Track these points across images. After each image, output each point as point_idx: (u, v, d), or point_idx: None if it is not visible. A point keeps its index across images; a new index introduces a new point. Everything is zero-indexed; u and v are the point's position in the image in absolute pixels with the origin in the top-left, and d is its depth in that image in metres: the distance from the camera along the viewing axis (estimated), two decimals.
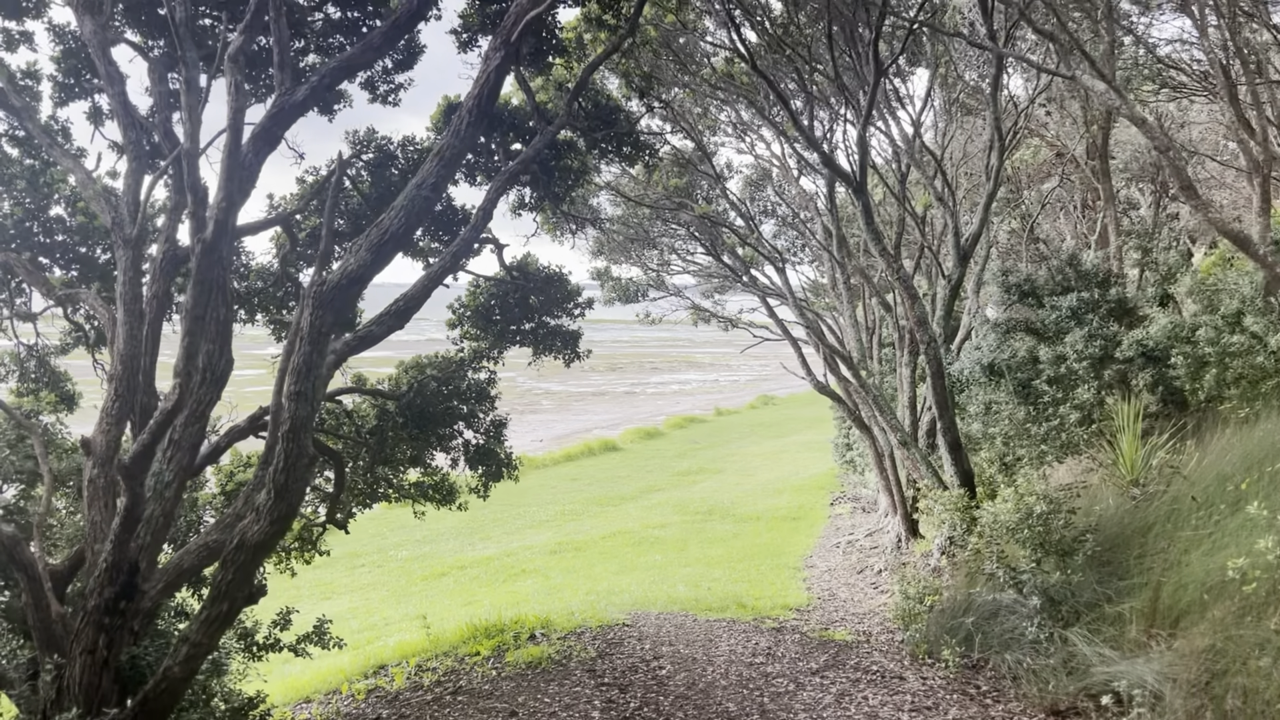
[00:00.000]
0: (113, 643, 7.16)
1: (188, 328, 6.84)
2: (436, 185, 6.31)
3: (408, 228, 6.36)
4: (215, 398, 7.49)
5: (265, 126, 7.84)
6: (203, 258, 6.91)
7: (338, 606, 21.64)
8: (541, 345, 14.07)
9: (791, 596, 16.25)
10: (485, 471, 13.52)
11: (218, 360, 7.38)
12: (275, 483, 6.90)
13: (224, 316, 7.42)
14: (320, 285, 6.50)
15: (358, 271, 6.40)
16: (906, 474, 18.80)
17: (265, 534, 7.06)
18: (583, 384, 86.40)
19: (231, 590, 7.24)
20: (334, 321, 6.62)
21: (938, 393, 14.00)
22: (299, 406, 6.70)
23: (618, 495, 34.35)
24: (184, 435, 7.33)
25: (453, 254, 10.21)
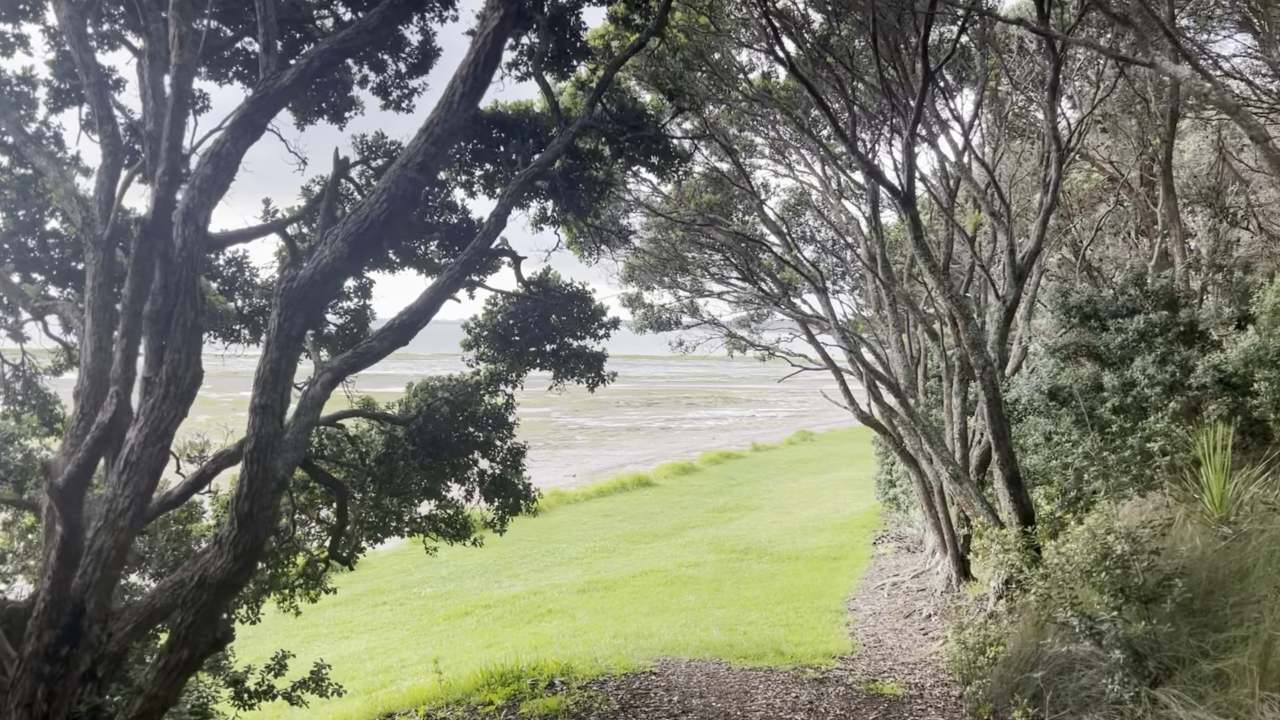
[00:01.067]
0: (54, 695, 6.21)
1: (126, 325, 5.96)
2: (425, 165, 5.42)
3: (390, 214, 5.47)
4: (180, 414, 6.58)
5: (246, 112, 6.99)
6: (141, 242, 6.05)
7: (355, 647, 20.69)
8: (563, 368, 13.13)
9: (834, 642, 15.03)
10: (501, 504, 12.55)
11: (183, 371, 6.48)
12: (239, 511, 5.97)
13: (191, 321, 6.54)
14: (290, 282, 5.61)
15: (332, 265, 5.50)
16: (957, 511, 17.56)
17: (228, 570, 6.12)
18: (618, 419, 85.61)
19: (192, 635, 6.29)
20: (305, 324, 5.72)
21: (994, 422, 12.84)
22: (264, 422, 5.78)
23: (650, 532, 33.19)
24: (142, 457, 6.42)
25: (463, 264, 9.33)
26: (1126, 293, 14.47)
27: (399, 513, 12.94)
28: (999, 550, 12.95)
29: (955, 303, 13.07)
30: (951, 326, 17.01)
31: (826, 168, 18.84)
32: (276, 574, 12.32)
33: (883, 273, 15.98)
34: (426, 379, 11.96)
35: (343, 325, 12.59)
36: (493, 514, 12.71)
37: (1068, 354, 14.61)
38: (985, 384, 12.74)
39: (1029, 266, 14.25)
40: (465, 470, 12.44)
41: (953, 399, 17.22)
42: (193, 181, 6.69)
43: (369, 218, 5.45)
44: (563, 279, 12.90)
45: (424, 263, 12.66)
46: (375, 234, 5.51)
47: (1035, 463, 14.14)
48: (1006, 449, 12.90)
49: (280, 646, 21.98)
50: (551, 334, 13.08)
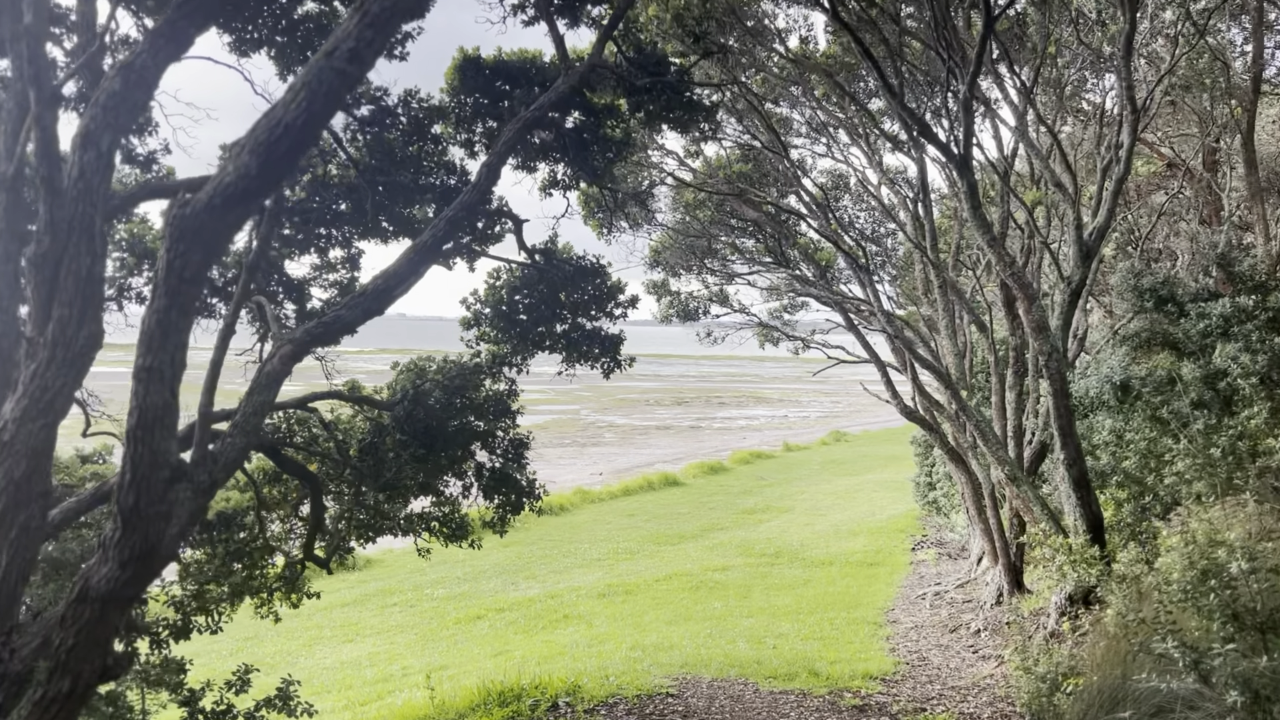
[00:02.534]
0: None
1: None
2: (356, 55, 4.10)
3: (311, 118, 4.15)
4: (70, 383, 5.27)
5: (169, 18, 5.65)
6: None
7: (358, 651, 19.48)
8: (575, 351, 11.77)
9: (874, 661, 13.55)
10: (502, 502, 11.20)
11: (74, 331, 5.17)
12: (122, 506, 4.65)
13: (87, 270, 5.23)
14: (182, 208, 4.29)
15: (237, 185, 4.19)
16: (1010, 516, 16.00)
17: (115, 581, 4.81)
18: (647, 417, 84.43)
19: (73, 661, 4.98)
20: (204, 262, 4.41)
21: (1060, 417, 11.31)
22: (150, 391, 4.45)
23: (677, 533, 31.77)
24: (18, 435, 5.12)
25: (449, 221, 7.99)
26: (1209, 274, 12.86)
27: (388, 510, 11.63)
28: (1064, 561, 11.42)
29: (1017, 279, 11.54)
30: (1007, 311, 15.48)
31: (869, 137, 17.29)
32: (251, 576, 11.04)
33: (931, 251, 14.45)
34: (416, 358, 10.62)
35: (328, 301, 11.32)
36: (492, 513, 11.37)
37: (1139, 342, 13.04)
38: (1051, 373, 11.21)
39: (1098, 244, 12.68)
40: (462, 463, 11.10)
41: (1005, 393, 15.67)
42: (95, 98, 5.38)
43: (282, 122, 4.14)
44: (575, 252, 11.54)
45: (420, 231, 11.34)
46: (291, 144, 4.19)
47: (1102, 464, 12.59)
48: (1074, 447, 11.37)
49: (282, 648, 20.92)
50: (562, 313, 11.73)
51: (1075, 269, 12.57)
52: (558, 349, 11.77)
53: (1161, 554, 8.20)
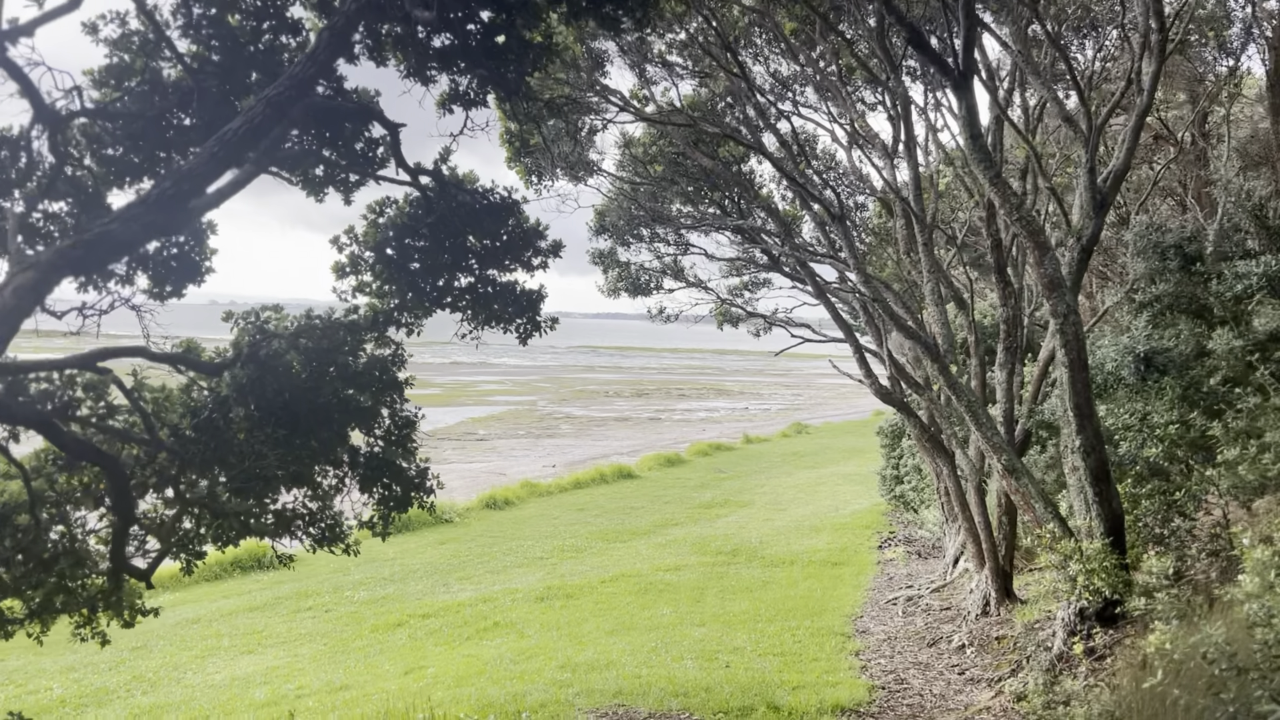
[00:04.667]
0: None
1: None
2: None
3: None
4: None
5: None
6: None
7: (256, 665, 17.04)
8: (483, 310, 9.46)
9: (844, 685, 11.42)
10: (383, 498, 8.87)
11: None
12: None
13: None
14: None
15: None
16: (999, 513, 13.96)
17: None
18: (606, 409, 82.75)
19: None
20: None
21: (1078, 394, 9.22)
22: None
23: (628, 529, 29.56)
24: None
25: (271, 101, 5.73)
26: (1241, 229, 10.84)
27: (249, 507, 9.24)
28: (1079, 570, 9.35)
29: (1026, 226, 9.41)
30: (998, 279, 13.41)
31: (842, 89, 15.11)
32: (57, 589, 8.60)
33: (915, 203, 12.32)
34: (259, 306, 8.24)
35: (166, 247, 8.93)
36: (373, 511, 9.05)
37: (1159, 309, 10.99)
38: (1067, 339, 9.11)
39: (1114, 191, 10.61)
40: (334, 448, 8.78)
41: (997, 371, 13.60)
42: None
43: None
44: (483, 184, 9.23)
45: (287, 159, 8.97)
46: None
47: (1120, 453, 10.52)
48: (1093, 431, 9.28)
49: (171, 660, 18.42)
50: (468, 262, 9.42)
51: (1087, 220, 10.47)
52: (461, 307, 9.47)
53: (1246, 565, 6.08)
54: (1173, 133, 23.51)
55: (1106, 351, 10.38)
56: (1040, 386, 15.46)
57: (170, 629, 20.23)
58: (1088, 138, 10.79)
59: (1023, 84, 13.93)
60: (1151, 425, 9.84)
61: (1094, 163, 10.65)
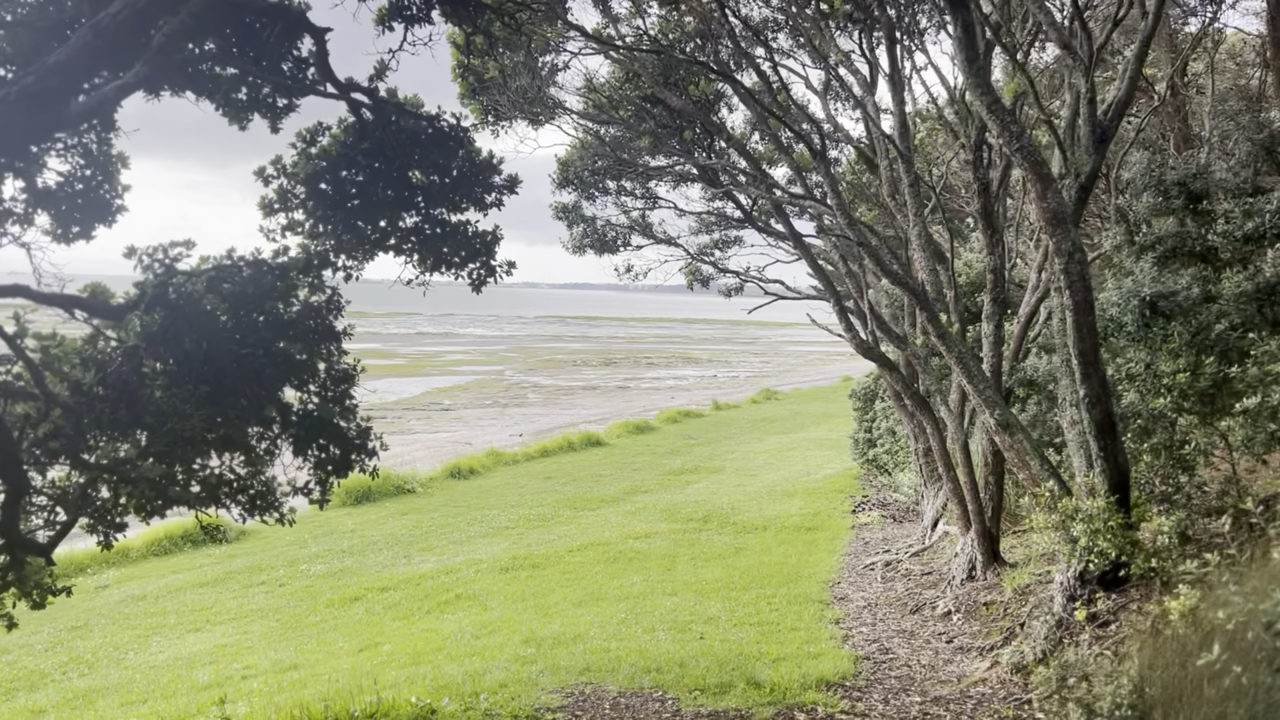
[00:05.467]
0: None
1: None
2: None
3: None
4: None
5: None
6: None
7: (202, 644, 16.10)
8: (431, 253, 8.52)
9: (826, 657, 10.70)
10: (320, 461, 7.96)
11: None
12: None
13: None
14: None
15: None
16: (985, 474, 13.27)
17: None
18: (574, 378, 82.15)
19: None
20: None
21: (1083, 339, 8.46)
22: None
23: (596, 497, 28.78)
24: None
25: None
26: (1249, 166, 10.10)
27: (175, 474, 8.28)
28: (1082, 531, 8.64)
29: (1027, 156, 8.59)
30: (984, 225, 12.63)
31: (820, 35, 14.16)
32: None
33: (901, 140, 11.48)
34: (169, 242, 7.24)
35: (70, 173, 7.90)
36: (311, 475, 8.13)
37: (1163, 252, 10.26)
38: (1072, 279, 8.33)
39: (1115, 123, 9.82)
40: (263, 406, 7.83)
41: (984, 323, 12.86)
42: None
43: None
44: (428, 109, 8.26)
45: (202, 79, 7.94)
46: None
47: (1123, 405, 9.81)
48: (1099, 380, 8.54)
49: (112, 640, 17.41)
50: (414, 199, 8.47)
51: (1086, 156, 9.67)
52: (406, 250, 8.52)
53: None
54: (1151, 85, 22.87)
55: (1109, 296, 9.64)
56: (1021, 344, 14.78)
57: (114, 607, 19.23)
58: (1087, 65, 9.97)
59: (1008, 17, 13.10)
60: (1158, 374, 9.14)
61: (1094, 92, 9.85)
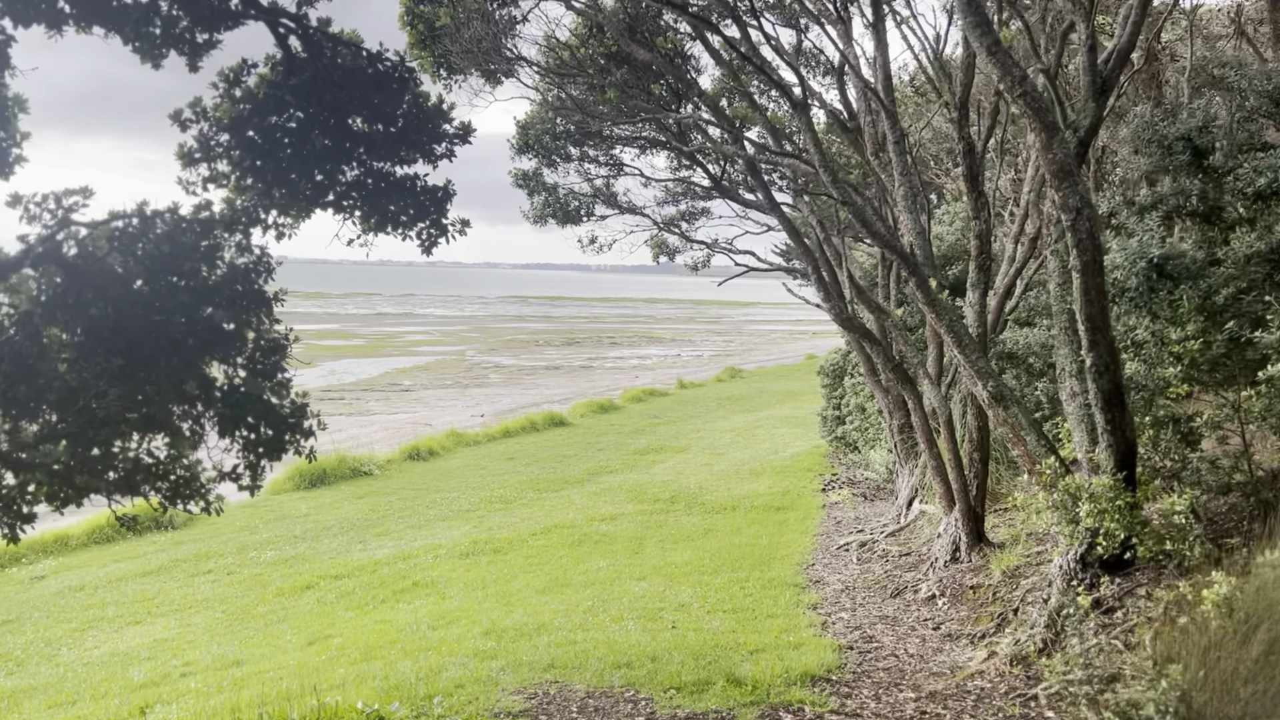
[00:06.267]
0: None
1: None
2: None
3: None
4: None
5: None
6: None
7: (141, 638, 15.13)
8: (375, 210, 7.63)
9: (808, 647, 10.01)
10: (249, 442, 7.08)
11: None
12: None
13: None
14: None
15: None
16: (969, 449, 12.64)
17: None
18: (536, 358, 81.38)
19: None
20: None
21: (1092, 303, 7.78)
22: None
23: (560, 478, 27.99)
24: None
25: None
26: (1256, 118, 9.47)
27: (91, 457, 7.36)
28: (1088, 510, 8.00)
29: (1031, 103, 7.86)
30: (969, 188, 11.94)
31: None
32: None
33: (885, 94, 10.72)
34: (64, 189, 6.29)
35: None
36: (240, 458, 7.25)
37: (1165, 212, 9.61)
38: (1080, 237, 7.63)
39: (1117, 73, 9.14)
40: (184, 382, 6.93)
41: (969, 292, 12.20)
42: None
43: None
44: (370, 46, 7.35)
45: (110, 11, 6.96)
46: None
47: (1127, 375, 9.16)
48: (1107, 348, 7.87)
49: (44, 635, 16.34)
50: (354, 149, 7.56)
51: (1085, 108, 8.97)
52: (347, 206, 7.62)
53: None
54: None
55: (1113, 258, 8.97)
56: (1000, 316, 14.19)
57: (49, 599, 18.15)
58: (1088, 10, 9.26)
59: None
60: (1165, 342, 8.50)
61: (1094, 40, 9.15)
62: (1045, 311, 17.45)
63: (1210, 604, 6.09)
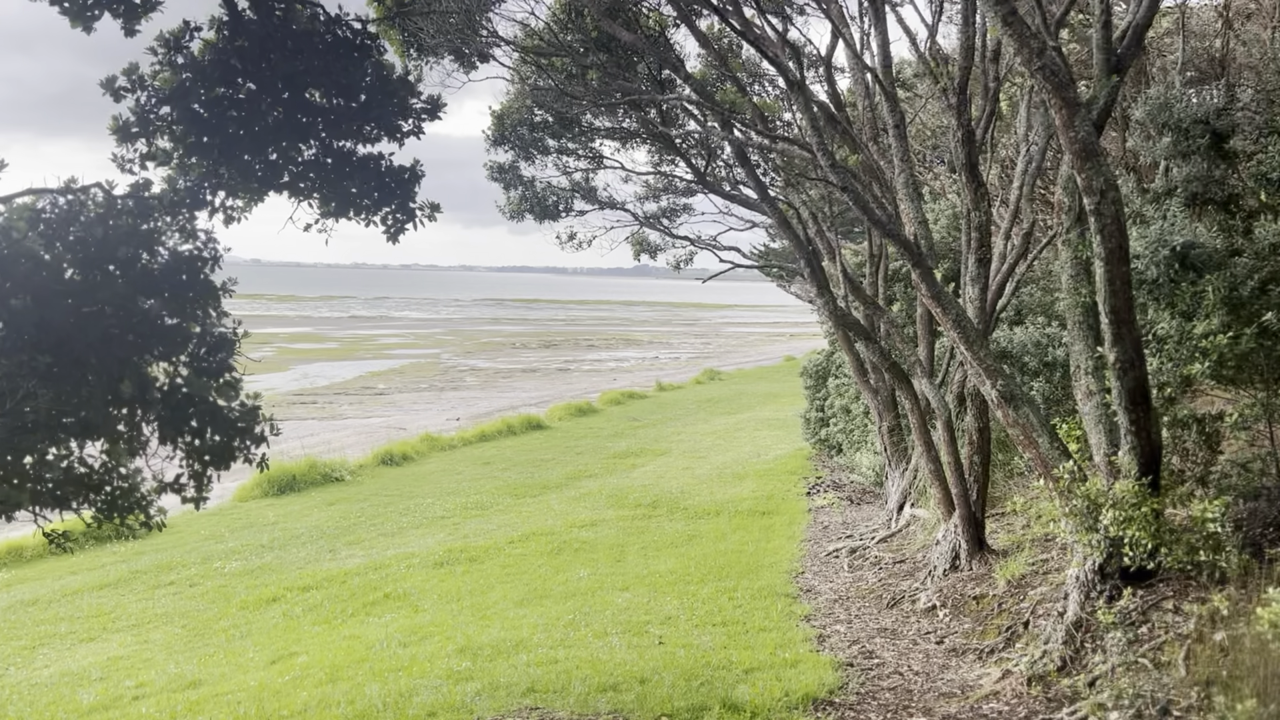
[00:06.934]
0: None
1: None
2: None
3: None
4: None
5: None
6: None
7: (95, 655, 14.28)
8: (334, 193, 6.92)
9: (806, 665, 9.37)
10: (193, 448, 6.35)
11: None
12: None
13: None
14: None
15: None
16: (969, 452, 12.05)
17: None
18: (513, 361, 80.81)
19: None
20: None
21: (1116, 294, 7.19)
22: None
23: (538, 483, 27.25)
24: None
25: None
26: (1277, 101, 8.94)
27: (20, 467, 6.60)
28: (1113, 518, 7.40)
29: (1051, 77, 7.26)
30: (968, 179, 11.36)
31: None
32: None
33: (884, 75, 10.12)
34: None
35: None
36: (184, 467, 6.52)
37: (1184, 198, 9.05)
38: (1104, 222, 7.04)
39: (1133, 50, 8.57)
40: (119, 382, 6.20)
41: (967, 286, 11.62)
42: None
43: None
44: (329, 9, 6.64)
45: None
46: None
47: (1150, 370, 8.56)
48: (1132, 342, 7.28)
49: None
50: (310, 124, 6.85)
51: (1102, 83, 8.39)
52: (304, 187, 6.91)
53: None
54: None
55: (1131, 247, 8.39)
56: (993, 315, 13.66)
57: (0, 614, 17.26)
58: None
59: None
60: (1193, 337, 7.93)
61: (1109, 13, 8.56)
62: (1039, 309, 16.94)
63: (1268, 624, 5.50)
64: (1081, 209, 8.61)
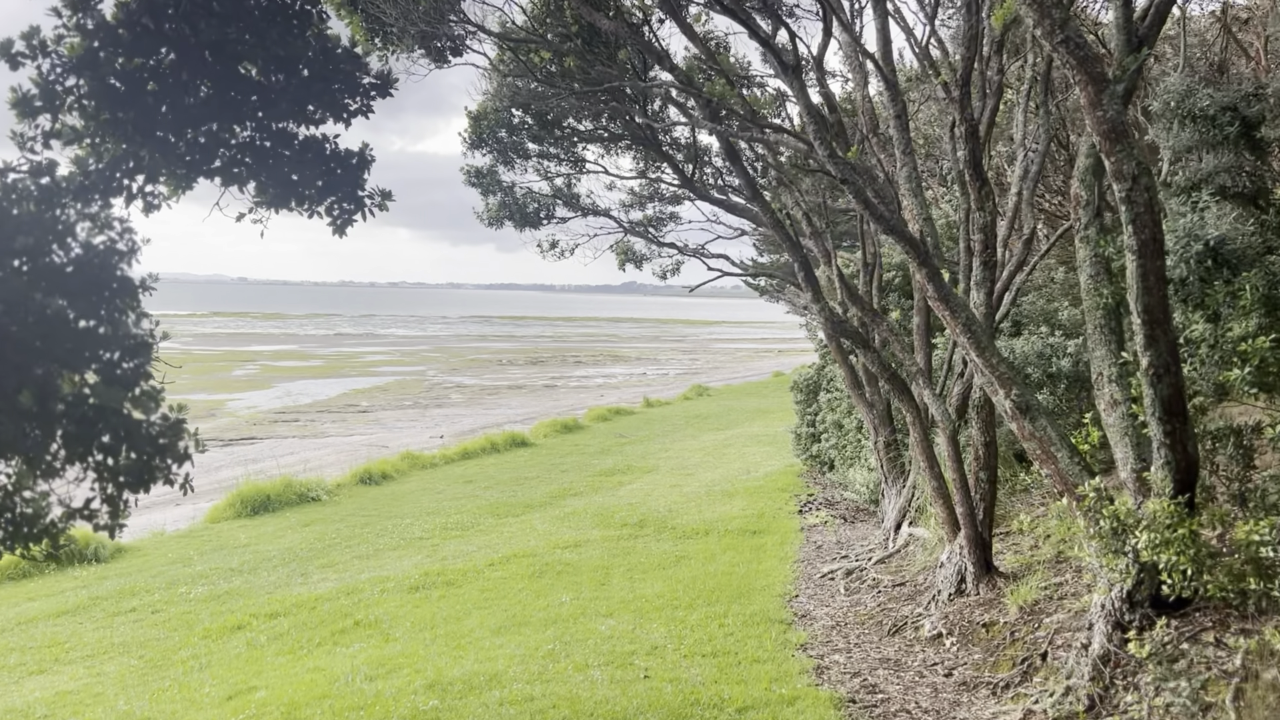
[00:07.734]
0: None
1: None
2: None
3: None
4: None
5: None
6: None
7: (41, 690, 13.33)
8: (272, 179, 6.13)
9: (804, 702, 8.57)
10: (105, 469, 5.52)
11: None
12: None
13: None
14: None
15: None
16: (975, 471, 11.29)
17: None
18: (499, 378, 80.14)
19: None
20: None
21: (1150, 291, 6.45)
22: None
23: (521, 502, 26.38)
24: None
25: None
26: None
27: None
28: (1149, 540, 6.64)
29: (1075, 51, 6.54)
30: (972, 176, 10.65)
31: None
32: None
33: (885, 63, 9.40)
34: None
35: None
36: (95, 490, 5.69)
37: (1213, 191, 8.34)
38: (1137, 211, 6.30)
39: (1155, 29, 7.87)
40: (16, 393, 5.37)
41: (972, 290, 10.88)
42: None
43: None
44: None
45: None
46: None
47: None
48: (1168, 345, 6.54)
49: None
50: (244, 101, 6.06)
51: (1126, 61, 7.68)
52: (238, 173, 6.11)
53: None
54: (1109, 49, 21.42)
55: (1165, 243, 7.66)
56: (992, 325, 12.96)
57: None
58: None
59: None
60: (1228, 340, 7.20)
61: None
62: (1040, 318, 16.26)
63: None
64: (1100, 203, 7.90)
